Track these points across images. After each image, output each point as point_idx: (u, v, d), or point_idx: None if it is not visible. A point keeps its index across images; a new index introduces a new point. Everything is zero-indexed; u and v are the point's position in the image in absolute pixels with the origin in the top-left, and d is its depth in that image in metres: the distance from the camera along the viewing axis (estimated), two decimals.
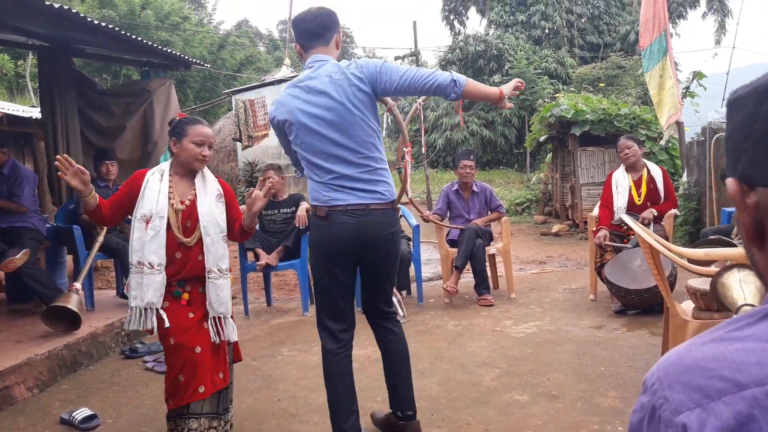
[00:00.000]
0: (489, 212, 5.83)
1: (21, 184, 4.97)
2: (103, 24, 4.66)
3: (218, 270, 2.78)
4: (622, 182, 5.17)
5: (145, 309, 2.66)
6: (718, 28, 23.75)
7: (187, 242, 2.75)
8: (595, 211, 5.46)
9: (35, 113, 7.43)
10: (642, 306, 4.74)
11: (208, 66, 8.91)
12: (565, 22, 23.84)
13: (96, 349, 4.48)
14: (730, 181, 0.69)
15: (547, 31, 24.13)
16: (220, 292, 2.78)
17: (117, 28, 4.85)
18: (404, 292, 5.83)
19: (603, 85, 17.42)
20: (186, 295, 2.79)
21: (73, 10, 4.31)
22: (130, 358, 4.45)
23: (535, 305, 5.35)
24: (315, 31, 2.64)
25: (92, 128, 5.78)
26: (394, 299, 5.05)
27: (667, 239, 4.62)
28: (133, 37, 5.01)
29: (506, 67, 21.84)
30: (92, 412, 3.31)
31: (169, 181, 2.79)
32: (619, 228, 5.02)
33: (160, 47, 5.50)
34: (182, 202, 2.77)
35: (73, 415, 3.28)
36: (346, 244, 2.61)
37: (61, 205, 5.61)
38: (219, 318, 2.78)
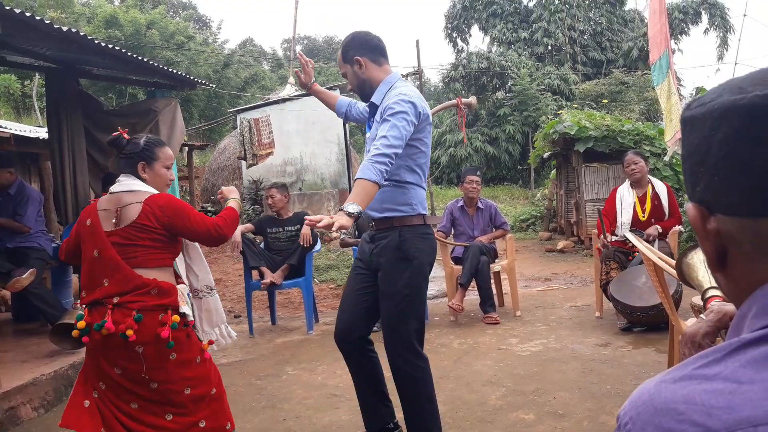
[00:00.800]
0: (494, 229, 5.83)
1: (26, 204, 5.00)
2: (110, 46, 4.72)
3: (207, 287, 3.01)
4: (626, 198, 5.17)
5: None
6: (721, 44, 23.82)
7: None
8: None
9: (42, 133, 7.49)
10: (648, 323, 4.72)
11: (213, 85, 9.00)
12: (568, 39, 23.97)
13: None
14: (690, 207, 0.67)
15: (549, 47, 24.25)
16: (213, 309, 3.06)
17: (123, 50, 4.91)
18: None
19: (606, 101, 17.47)
20: None
21: (81, 33, 4.37)
22: None
23: (540, 323, 5.33)
24: (386, 51, 2.85)
25: (98, 148, 5.82)
26: None
27: (671, 256, 4.61)
28: (139, 58, 5.07)
29: (509, 84, 21.94)
30: None
31: None
32: (624, 245, 5.01)
33: (165, 67, 5.55)
34: None
35: None
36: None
37: (67, 225, 5.64)
38: None
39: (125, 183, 2.60)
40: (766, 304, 0.61)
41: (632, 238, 3.71)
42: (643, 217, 5.09)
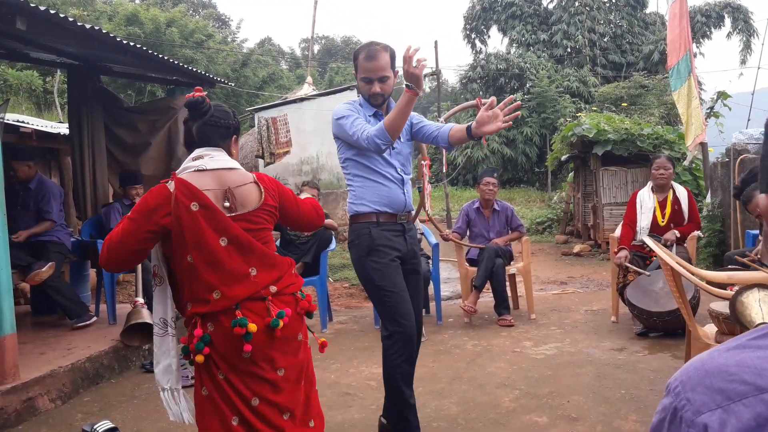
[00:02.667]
0: (510, 231, 5.81)
1: (49, 200, 5.07)
2: (131, 43, 4.77)
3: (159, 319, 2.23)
4: (647, 202, 5.12)
5: None
6: (743, 48, 23.54)
7: None
8: (618, 231, 5.42)
9: (62, 129, 7.59)
10: (664, 329, 4.68)
11: (232, 84, 9.05)
12: (588, 41, 23.82)
13: (118, 363, 4.53)
14: (763, 197, 0.71)
15: (569, 49, 24.12)
16: (155, 349, 2.26)
17: (143, 47, 4.96)
18: (423, 311, 5.81)
19: (625, 104, 17.34)
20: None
21: (102, 30, 4.42)
22: (150, 372, 4.49)
23: (555, 326, 5.31)
24: None
25: (118, 144, 5.89)
26: None
27: (689, 261, 4.57)
28: (159, 56, 5.11)
29: (528, 86, 21.84)
30: (113, 425, 3.34)
31: None
32: (642, 249, 4.97)
33: (185, 66, 5.61)
34: None
35: (95, 427, 3.31)
36: None
37: (86, 220, 5.71)
38: None
39: (221, 159, 2.15)
40: None
41: (650, 243, 3.68)
42: (663, 221, 5.05)
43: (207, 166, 2.09)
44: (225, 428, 2.01)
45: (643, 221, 5.06)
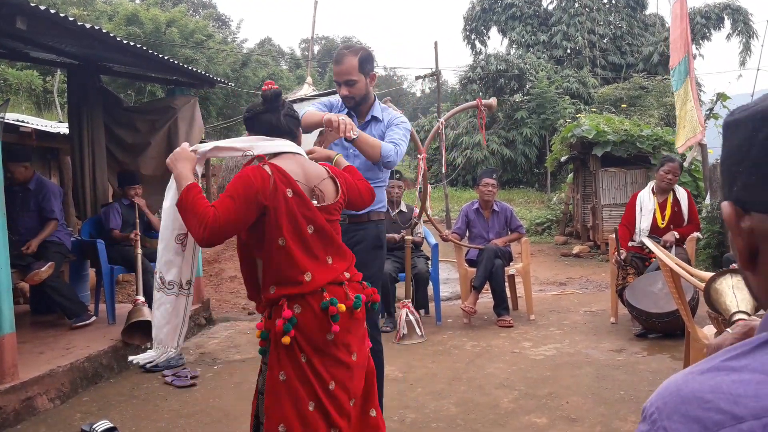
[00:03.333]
0: (509, 232, 5.81)
1: (50, 199, 5.07)
2: (131, 43, 4.77)
3: (160, 279, 2.27)
4: (647, 204, 5.12)
5: None
6: (743, 50, 23.54)
7: None
8: None
9: (62, 128, 7.58)
10: (663, 330, 4.68)
11: (231, 84, 9.04)
12: (587, 42, 23.82)
13: (117, 363, 4.53)
14: (725, 205, 0.69)
15: (568, 51, 24.13)
16: (155, 310, 2.27)
17: (143, 47, 4.95)
18: (422, 311, 5.81)
19: (625, 105, 17.34)
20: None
21: (102, 30, 4.42)
22: (149, 372, 4.49)
23: (554, 327, 5.31)
24: None
25: (117, 144, 5.89)
26: (411, 318, 5.06)
27: (689, 263, 4.57)
28: (159, 56, 5.11)
29: (527, 87, 21.84)
30: (112, 425, 3.34)
31: None
32: (641, 250, 4.97)
33: (185, 66, 5.60)
34: None
35: (94, 427, 3.31)
36: None
37: (86, 219, 5.71)
38: None
39: (294, 145, 2.24)
40: None
41: (649, 244, 3.68)
42: (663, 223, 5.05)
43: (288, 149, 2.17)
44: (300, 414, 2.02)
45: (644, 223, 5.06)
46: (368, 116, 3.03)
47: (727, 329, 1.49)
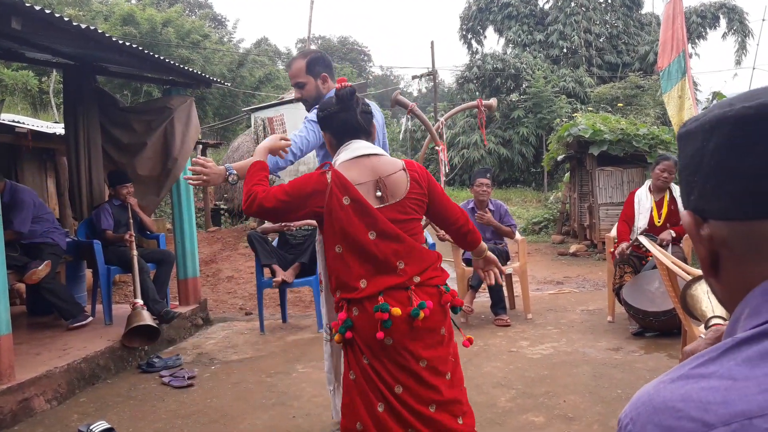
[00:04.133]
0: None
1: (14, 210, 4.85)
2: (127, 43, 4.76)
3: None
4: (644, 202, 5.12)
5: None
6: (739, 49, 23.62)
7: None
8: (614, 231, 5.43)
9: (58, 129, 7.57)
10: (660, 328, 4.69)
11: (228, 84, 9.01)
12: (584, 42, 23.86)
13: (113, 363, 4.52)
14: (684, 214, 0.71)
15: (565, 50, 24.16)
16: None
17: (140, 47, 4.94)
18: None
19: (621, 104, 17.37)
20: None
21: (98, 30, 4.41)
22: (146, 373, 4.49)
23: (551, 326, 5.32)
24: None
25: (113, 144, 5.87)
26: None
27: (685, 261, 4.58)
28: (155, 56, 5.10)
29: (524, 86, 21.87)
30: (109, 426, 3.34)
31: None
32: (638, 249, 4.98)
33: (181, 66, 5.59)
34: None
35: (91, 428, 3.31)
36: None
37: (82, 220, 5.69)
38: None
39: (370, 146, 2.21)
40: (757, 304, 0.63)
41: (646, 243, 3.69)
42: (659, 222, 5.05)
43: (360, 152, 2.17)
44: (371, 415, 2.04)
45: (641, 221, 5.07)
46: None
47: (701, 335, 1.50)
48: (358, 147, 2.18)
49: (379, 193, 2.11)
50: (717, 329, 1.48)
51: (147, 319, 4.63)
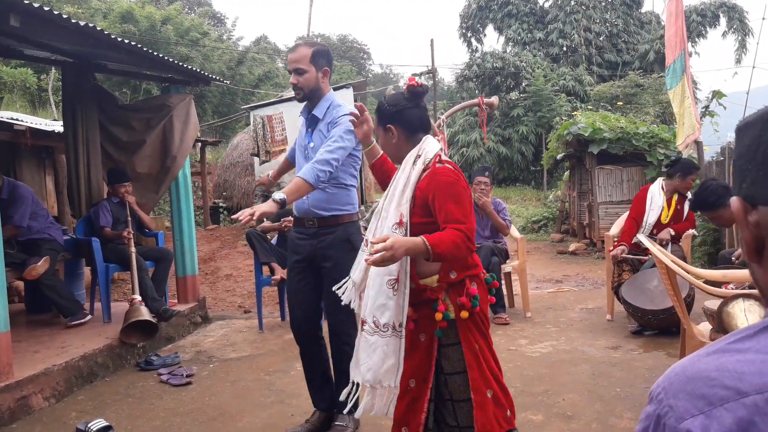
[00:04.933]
0: None
1: (15, 205, 4.87)
2: (126, 41, 4.74)
3: (374, 323, 2.23)
4: (657, 199, 5.09)
5: None
6: (739, 48, 23.60)
7: None
8: (614, 230, 5.43)
9: (57, 127, 7.55)
10: (659, 327, 4.69)
11: (227, 82, 9.00)
12: (583, 40, 23.83)
13: (112, 361, 4.52)
14: (735, 200, 0.74)
15: (564, 48, 24.14)
16: (371, 353, 2.22)
17: (138, 45, 4.93)
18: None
19: (621, 103, 17.35)
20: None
21: (97, 27, 4.40)
22: (145, 371, 4.48)
23: (550, 324, 5.31)
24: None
25: (112, 142, 5.86)
26: None
27: (684, 260, 4.58)
28: (155, 53, 5.09)
29: (523, 85, 21.85)
30: (107, 424, 3.33)
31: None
32: (637, 248, 4.98)
33: (180, 63, 5.57)
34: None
35: (89, 425, 3.30)
36: None
37: (81, 218, 5.68)
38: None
39: (436, 142, 2.37)
40: None
41: (645, 241, 3.69)
42: (666, 219, 5.05)
43: (438, 148, 2.29)
44: (497, 380, 2.28)
45: (651, 217, 5.04)
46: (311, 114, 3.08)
47: (704, 339, 1.51)
48: (435, 145, 2.29)
49: None
50: None
51: (145, 314, 4.63)
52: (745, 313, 1.72)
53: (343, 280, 2.46)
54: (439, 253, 2.06)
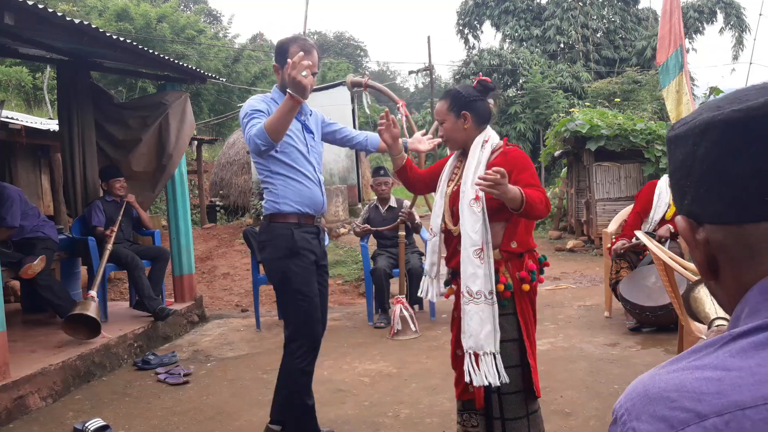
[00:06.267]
0: None
1: (2, 207, 4.85)
2: (122, 39, 4.72)
3: (467, 292, 2.41)
4: (664, 196, 5.05)
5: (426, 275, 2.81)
6: (736, 44, 23.61)
7: (453, 231, 2.54)
8: (612, 227, 5.42)
9: (52, 125, 7.53)
10: (657, 324, 4.69)
11: (223, 80, 8.95)
12: (581, 37, 23.82)
13: (109, 360, 4.50)
14: (679, 219, 0.71)
15: (562, 45, 24.13)
16: (469, 320, 2.40)
17: (134, 42, 4.91)
18: (416, 307, 5.81)
19: (618, 100, 17.35)
20: (451, 290, 2.73)
21: (92, 25, 4.37)
22: (142, 370, 4.47)
23: (548, 322, 5.31)
24: None
25: (108, 140, 5.84)
26: (406, 314, 5.05)
27: (682, 257, 4.58)
28: (150, 51, 5.06)
29: (521, 81, 21.84)
30: (105, 423, 3.32)
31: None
32: (635, 245, 4.97)
33: (176, 61, 5.55)
34: (450, 183, 2.61)
35: (86, 425, 3.29)
36: None
37: (77, 216, 5.66)
38: (474, 353, 2.40)
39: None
40: (756, 303, 0.64)
41: (643, 238, 3.68)
42: (670, 215, 5.04)
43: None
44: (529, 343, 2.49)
45: (658, 214, 5.02)
46: None
47: (702, 336, 1.51)
48: (495, 133, 2.55)
49: None
50: (719, 330, 1.48)
51: (91, 311, 4.47)
52: (711, 297, 1.71)
53: (421, 281, 2.78)
54: (530, 203, 2.24)
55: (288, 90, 2.45)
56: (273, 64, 2.88)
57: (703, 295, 1.74)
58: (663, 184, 5.13)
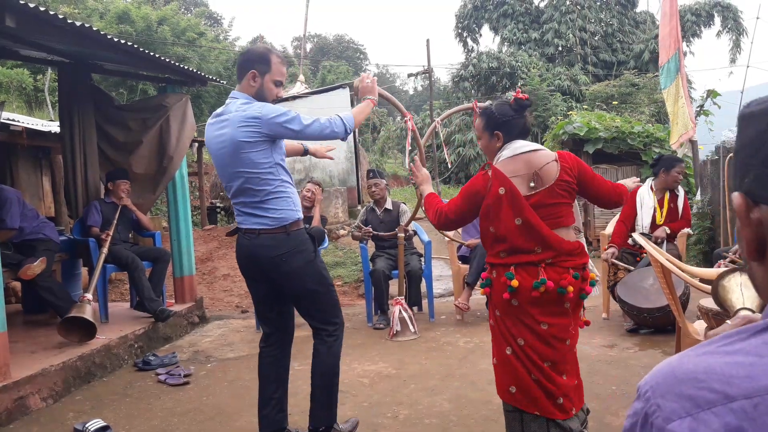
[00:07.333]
0: None
1: (1, 209, 4.87)
2: (122, 41, 4.74)
3: None
4: (647, 201, 5.11)
5: None
6: (733, 47, 23.68)
7: None
8: (609, 229, 5.44)
9: (53, 127, 7.55)
10: (654, 325, 4.71)
11: (224, 82, 8.97)
12: (579, 40, 23.89)
13: (109, 361, 4.52)
14: (736, 195, 0.70)
15: (560, 48, 24.18)
16: None
17: (135, 45, 4.93)
18: (415, 308, 5.82)
19: (616, 102, 17.40)
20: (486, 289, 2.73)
21: (94, 28, 4.39)
22: (142, 371, 4.49)
23: None
24: (238, 71, 2.98)
25: (109, 143, 5.86)
26: (405, 315, 5.07)
27: (680, 258, 4.60)
28: (151, 54, 5.09)
29: (519, 84, 21.87)
30: (105, 424, 3.34)
31: None
32: (632, 247, 5.00)
33: (177, 64, 5.57)
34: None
35: (87, 426, 3.31)
36: (245, 260, 2.98)
37: (77, 218, 5.68)
38: None
39: (528, 144, 2.58)
40: None
41: (640, 240, 3.71)
42: (661, 220, 5.07)
43: (519, 150, 2.51)
44: (503, 354, 2.55)
45: (645, 220, 5.06)
46: None
47: (727, 321, 1.52)
48: (518, 146, 2.53)
49: (532, 184, 2.44)
50: (745, 317, 1.49)
51: (87, 313, 4.48)
52: (741, 288, 1.74)
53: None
54: (425, 201, 2.77)
55: (367, 96, 3.08)
56: (251, 71, 2.87)
57: (733, 285, 1.76)
58: (644, 191, 5.17)
